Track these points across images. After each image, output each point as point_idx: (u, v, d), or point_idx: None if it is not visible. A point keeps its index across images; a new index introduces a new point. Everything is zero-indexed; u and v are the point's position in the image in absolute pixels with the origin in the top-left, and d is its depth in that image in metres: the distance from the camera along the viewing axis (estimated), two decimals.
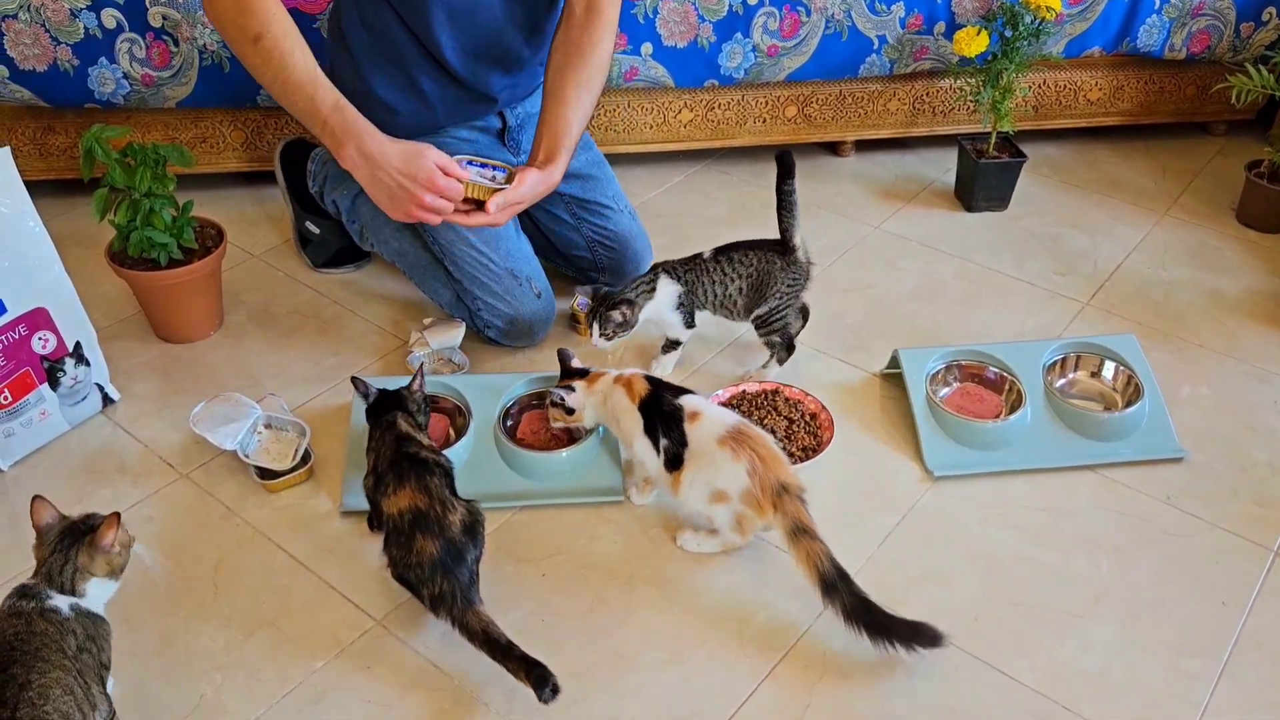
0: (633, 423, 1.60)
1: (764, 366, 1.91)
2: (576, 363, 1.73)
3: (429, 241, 1.95)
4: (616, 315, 1.80)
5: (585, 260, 2.08)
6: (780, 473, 1.49)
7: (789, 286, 1.85)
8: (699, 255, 1.86)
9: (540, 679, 1.32)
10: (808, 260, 1.86)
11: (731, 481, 1.51)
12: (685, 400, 1.59)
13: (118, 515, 1.28)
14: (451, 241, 1.91)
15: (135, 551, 1.34)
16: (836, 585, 1.41)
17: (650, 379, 1.64)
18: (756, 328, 1.88)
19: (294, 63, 1.65)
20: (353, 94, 1.71)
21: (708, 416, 1.56)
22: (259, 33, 1.63)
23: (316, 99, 1.66)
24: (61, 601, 1.24)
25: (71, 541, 1.27)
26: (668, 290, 1.84)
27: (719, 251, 1.86)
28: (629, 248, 2.04)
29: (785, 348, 1.89)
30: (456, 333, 1.94)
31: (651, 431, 1.58)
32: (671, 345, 1.91)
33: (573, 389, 1.67)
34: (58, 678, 1.16)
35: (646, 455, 1.60)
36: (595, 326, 1.82)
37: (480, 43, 1.83)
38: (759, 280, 1.83)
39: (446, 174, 1.64)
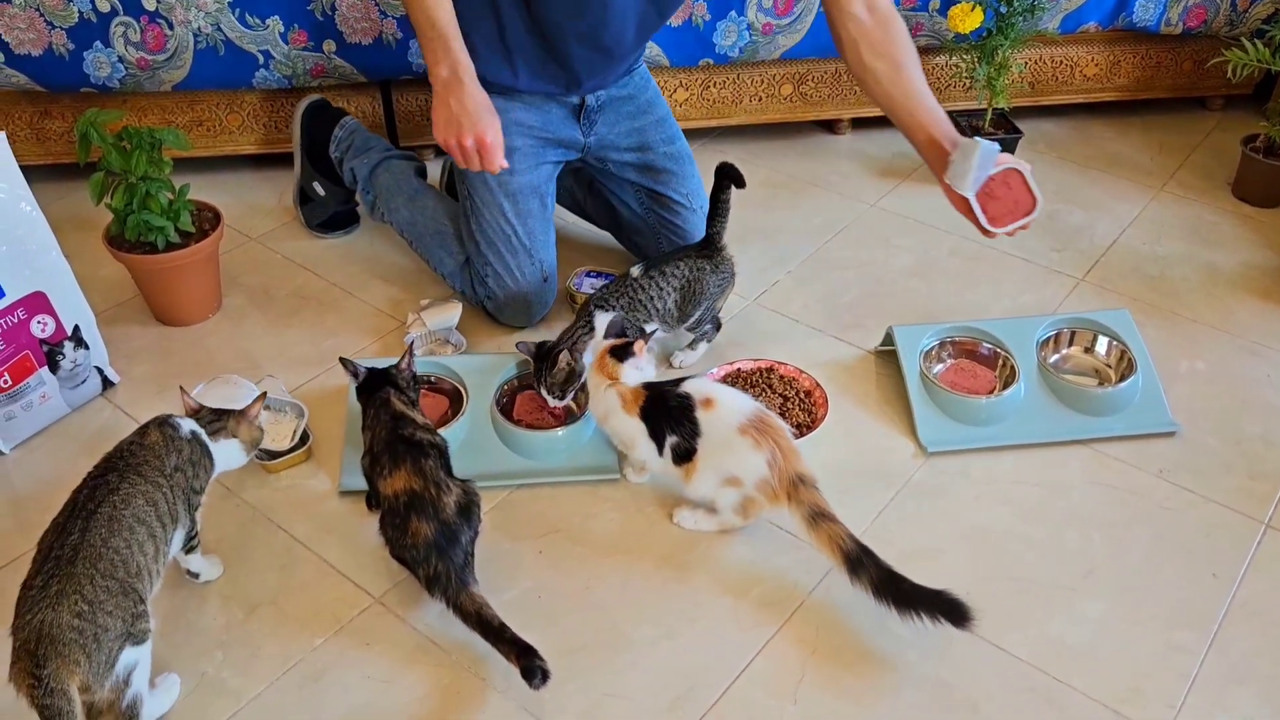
0: (634, 431, 1.60)
1: (690, 347, 1.92)
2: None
3: (464, 195, 1.96)
4: (560, 370, 1.70)
5: (650, 247, 2.08)
6: (797, 465, 1.50)
7: (717, 288, 1.87)
8: (627, 275, 1.83)
9: (530, 668, 1.33)
10: (731, 258, 1.89)
11: (749, 471, 1.51)
12: (692, 386, 1.58)
13: (265, 394, 1.55)
14: (485, 202, 1.92)
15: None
16: (862, 561, 1.42)
17: (645, 385, 1.62)
18: (689, 329, 1.90)
19: None
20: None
21: (724, 403, 1.55)
22: None
23: (434, 18, 1.68)
24: (185, 424, 1.44)
25: (228, 413, 1.50)
26: (607, 321, 1.78)
27: (648, 266, 1.84)
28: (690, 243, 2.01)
29: (715, 329, 1.93)
30: (453, 314, 1.95)
31: (657, 435, 1.59)
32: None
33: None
34: (145, 490, 1.34)
35: (649, 457, 1.61)
36: (543, 391, 1.72)
37: (589, 22, 1.79)
38: (690, 288, 1.84)
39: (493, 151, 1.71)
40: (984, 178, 1.71)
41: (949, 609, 1.38)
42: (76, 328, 1.79)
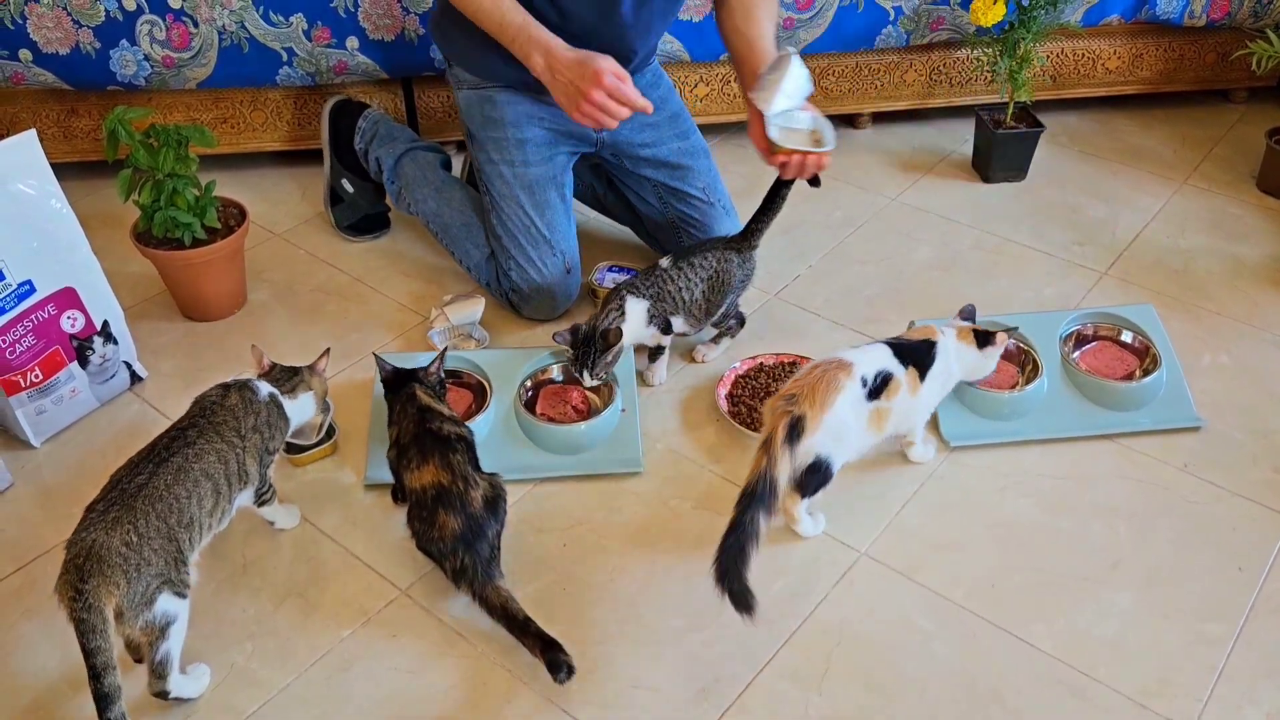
0: None
1: (715, 341, 1.93)
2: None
3: (483, 191, 1.99)
4: (616, 348, 1.73)
5: (670, 243, 2.08)
6: (805, 400, 1.48)
7: (742, 282, 1.88)
8: (657, 265, 1.84)
9: (555, 662, 1.34)
10: (756, 256, 1.90)
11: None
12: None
13: (329, 349, 1.66)
14: (500, 196, 1.95)
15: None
16: (756, 496, 1.41)
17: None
18: (714, 324, 1.90)
19: None
20: (456, 22, 1.82)
21: (854, 351, 1.58)
22: None
23: (505, 21, 1.75)
24: (264, 387, 1.52)
25: (297, 368, 1.59)
26: (637, 309, 1.78)
27: (677, 258, 1.84)
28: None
29: (739, 324, 1.94)
30: (477, 308, 1.96)
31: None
32: (657, 351, 1.88)
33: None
34: (219, 448, 1.42)
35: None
36: (586, 372, 1.73)
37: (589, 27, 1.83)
38: (718, 281, 1.84)
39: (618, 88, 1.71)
40: (784, 90, 1.72)
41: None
42: (105, 323, 1.80)
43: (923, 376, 1.60)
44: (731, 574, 1.37)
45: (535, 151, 1.94)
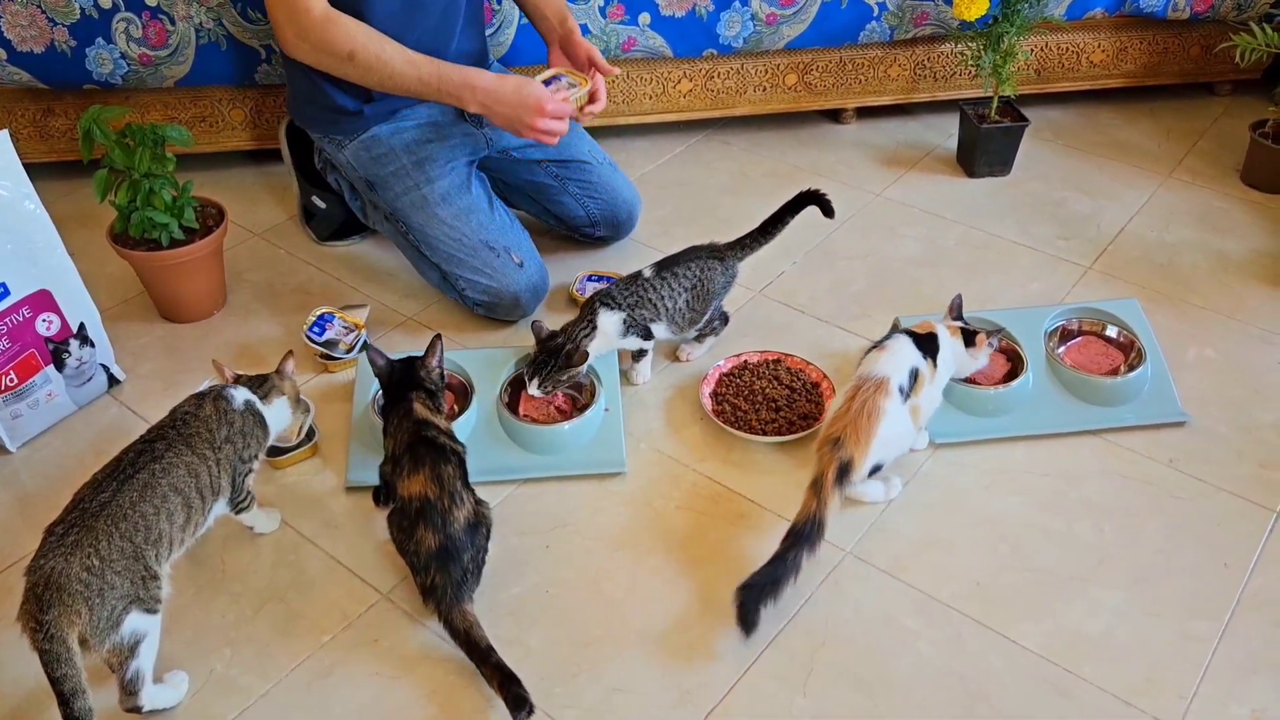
0: None
1: (699, 340, 1.91)
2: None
3: (404, 230, 1.98)
4: (578, 369, 1.71)
5: (580, 218, 2.12)
6: (850, 442, 1.51)
7: (724, 288, 1.88)
8: (639, 274, 1.82)
9: (519, 697, 1.31)
10: (739, 265, 1.91)
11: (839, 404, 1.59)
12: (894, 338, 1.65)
13: (291, 351, 1.61)
14: (422, 224, 1.94)
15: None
16: (804, 534, 1.44)
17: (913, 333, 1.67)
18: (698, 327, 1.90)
19: (389, 59, 1.78)
20: (310, 100, 1.89)
21: (884, 356, 1.60)
22: (350, 50, 1.77)
23: (423, 78, 1.80)
24: (239, 394, 1.48)
25: (265, 375, 1.55)
26: (610, 321, 1.76)
27: (660, 267, 1.83)
28: (617, 196, 2.11)
29: (723, 323, 1.93)
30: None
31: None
32: (640, 352, 1.86)
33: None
34: (189, 461, 1.38)
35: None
36: (536, 381, 1.71)
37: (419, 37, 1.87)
38: (701, 289, 1.83)
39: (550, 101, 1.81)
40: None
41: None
42: (82, 325, 1.78)
43: (935, 365, 1.64)
44: (756, 597, 1.41)
45: (435, 167, 1.95)
